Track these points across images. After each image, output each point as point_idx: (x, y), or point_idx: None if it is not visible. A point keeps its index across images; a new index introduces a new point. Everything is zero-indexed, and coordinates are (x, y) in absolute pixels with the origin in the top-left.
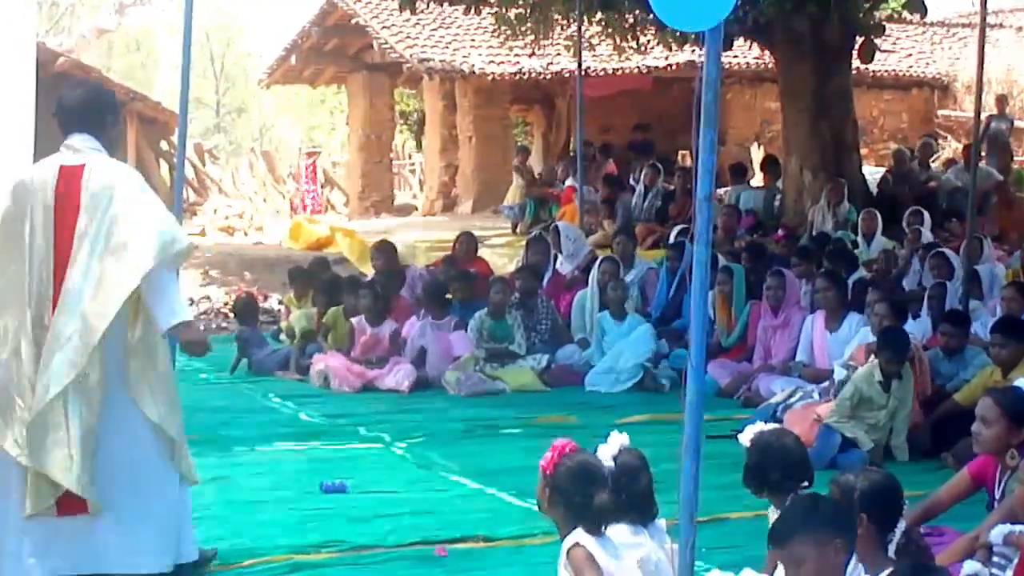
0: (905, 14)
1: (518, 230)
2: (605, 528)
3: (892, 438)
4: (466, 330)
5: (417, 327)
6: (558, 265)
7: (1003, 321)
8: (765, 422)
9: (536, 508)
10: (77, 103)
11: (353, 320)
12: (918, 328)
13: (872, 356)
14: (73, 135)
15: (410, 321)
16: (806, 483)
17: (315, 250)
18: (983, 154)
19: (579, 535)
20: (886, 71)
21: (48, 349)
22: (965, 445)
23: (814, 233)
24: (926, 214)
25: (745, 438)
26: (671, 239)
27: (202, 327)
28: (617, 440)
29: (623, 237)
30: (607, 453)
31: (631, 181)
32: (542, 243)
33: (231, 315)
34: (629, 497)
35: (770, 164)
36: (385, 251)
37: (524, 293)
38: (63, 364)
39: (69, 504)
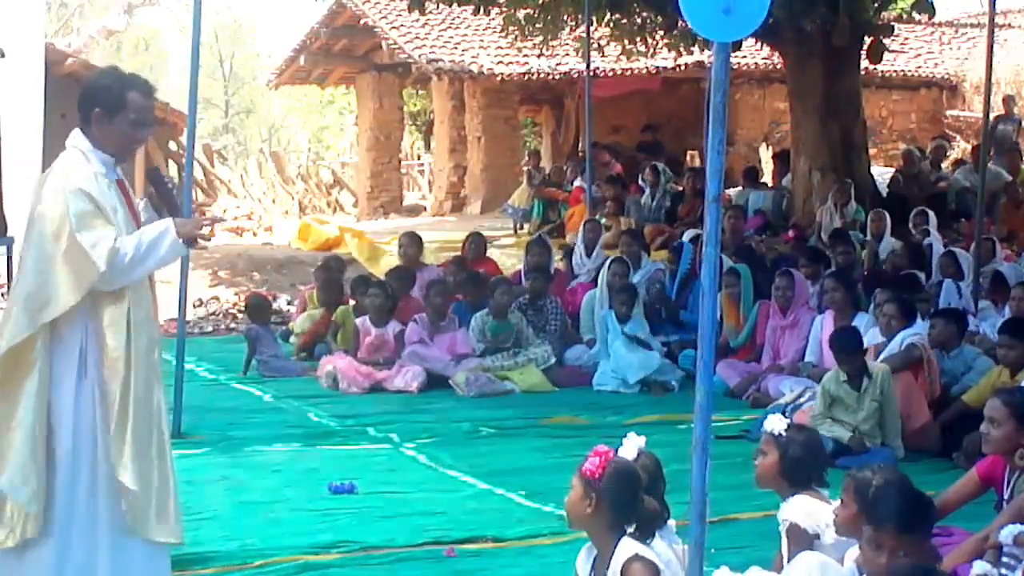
0: (914, 14)
1: (526, 230)
2: (654, 535)
3: (886, 439)
4: (468, 330)
5: (412, 329)
6: (573, 267)
7: (1011, 322)
8: None
9: (566, 519)
10: (79, 94)
11: (357, 321)
12: (927, 328)
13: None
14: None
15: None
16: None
17: (324, 251)
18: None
19: (634, 546)
20: (895, 71)
21: None
22: (974, 445)
23: (822, 234)
24: (931, 214)
25: (777, 426)
26: (683, 240)
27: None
28: (635, 442)
29: (627, 238)
30: (627, 456)
31: (639, 182)
32: (541, 244)
33: (239, 315)
34: None
35: (781, 159)
36: (415, 240)
37: (533, 294)
38: None
39: None
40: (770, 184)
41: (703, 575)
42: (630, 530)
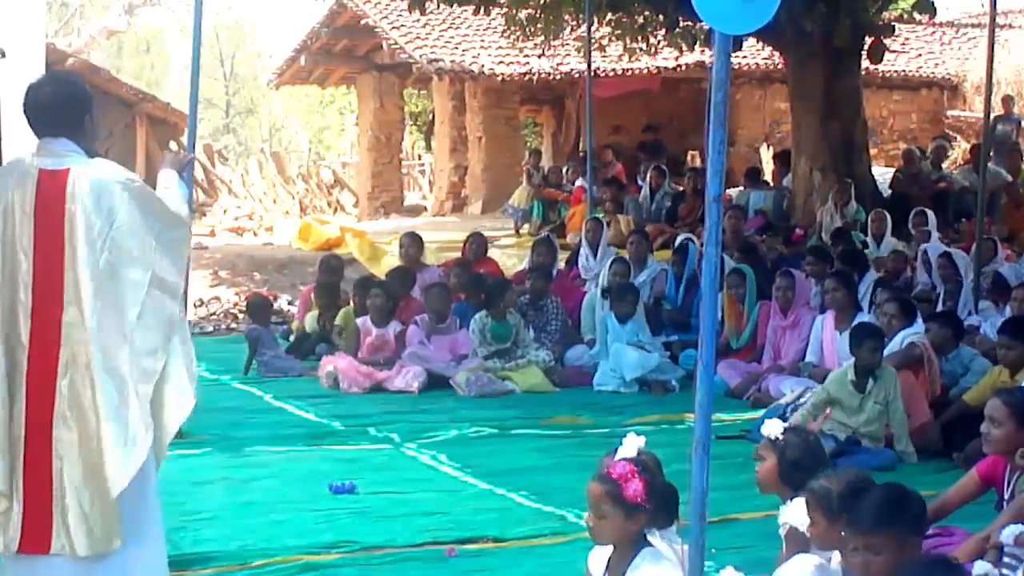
0: (915, 14)
1: (527, 231)
2: (678, 517)
3: (896, 444)
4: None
5: (412, 331)
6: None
7: (1010, 322)
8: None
9: (595, 537)
10: (51, 103)
11: (358, 321)
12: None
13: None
14: (48, 139)
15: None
16: None
17: (325, 251)
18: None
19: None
20: (895, 71)
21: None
22: (975, 445)
23: (823, 234)
24: (930, 214)
25: (774, 430)
26: (676, 243)
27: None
28: (635, 442)
29: (636, 237)
30: (625, 456)
31: (638, 182)
32: (548, 244)
33: (240, 315)
34: None
35: (782, 159)
36: (416, 240)
37: (534, 293)
38: None
39: None
40: (771, 184)
41: (703, 575)
42: (655, 540)
